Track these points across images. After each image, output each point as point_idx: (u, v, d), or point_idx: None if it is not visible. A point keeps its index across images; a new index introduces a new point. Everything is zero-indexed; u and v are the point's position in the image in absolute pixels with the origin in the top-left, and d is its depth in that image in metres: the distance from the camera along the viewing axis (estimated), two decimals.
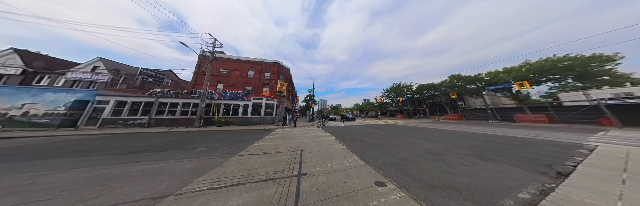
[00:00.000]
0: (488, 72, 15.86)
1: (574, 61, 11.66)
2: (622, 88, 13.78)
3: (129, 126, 8.06)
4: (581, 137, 4.76)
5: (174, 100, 9.20)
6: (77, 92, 8.08)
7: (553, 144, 3.79)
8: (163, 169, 2.31)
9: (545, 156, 2.83)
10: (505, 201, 1.46)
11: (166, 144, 4.09)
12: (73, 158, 2.88)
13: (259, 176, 2.03)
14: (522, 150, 3.24)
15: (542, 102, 14.35)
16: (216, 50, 9.68)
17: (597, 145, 3.57)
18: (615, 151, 3.04)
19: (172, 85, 15.59)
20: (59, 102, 7.69)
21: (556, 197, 1.50)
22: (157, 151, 3.35)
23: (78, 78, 10.70)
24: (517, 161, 2.57)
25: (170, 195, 1.59)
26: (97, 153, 3.17)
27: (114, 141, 4.61)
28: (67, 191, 1.66)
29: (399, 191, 1.63)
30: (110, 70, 12.46)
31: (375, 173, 2.11)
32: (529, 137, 4.79)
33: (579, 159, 2.61)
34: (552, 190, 1.63)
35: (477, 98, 17.70)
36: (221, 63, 14.03)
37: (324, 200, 1.48)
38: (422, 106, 21.82)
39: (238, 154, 3.07)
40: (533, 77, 12.97)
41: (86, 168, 2.34)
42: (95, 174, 2.11)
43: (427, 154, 3.00)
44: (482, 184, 1.77)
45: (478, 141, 4.29)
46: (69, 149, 3.58)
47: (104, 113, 7.89)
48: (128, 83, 12.35)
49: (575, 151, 3.14)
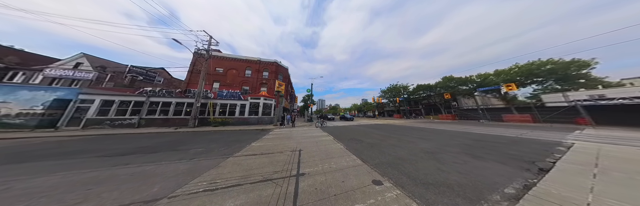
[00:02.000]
0: (479, 74, 16.67)
1: (556, 65, 12.62)
2: (596, 90, 15.04)
3: (117, 127, 7.63)
4: (560, 135, 5.12)
5: (166, 100, 8.81)
6: (57, 90, 7.52)
7: (536, 142, 4.05)
8: (155, 171, 2.21)
9: (529, 153, 3.03)
10: (493, 197, 1.55)
11: (158, 145, 3.93)
12: (53, 161, 2.69)
13: (257, 177, 2.01)
14: (508, 148, 3.44)
15: (528, 102, 15.25)
16: (212, 48, 9.40)
17: (573, 142, 3.87)
18: (589, 148, 3.31)
19: (164, 83, 14.95)
20: (35, 100, 7.11)
21: (538, 191, 1.62)
22: (149, 152, 3.21)
23: (58, 75, 9.96)
24: (504, 158, 2.73)
25: (163, 198, 1.54)
26: (80, 156, 2.97)
27: (100, 142, 4.35)
28: (46, 197, 1.55)
29: (395, 190, 1.68)
30: (95, 67, 11.71)
31: (372, 172, 2.15)
32: (515, 136, 5.08)
33: (558, 156, 2.81)
34: (534, 185, 1.76)
35: (469, 99, 18.49)
36: (217, 62, 13.64)
37: (323, 200, 1.50)
38: (418, 106, 22.46)
39: (235, 155, 3.01)
40: (519, 79, 13.84)
41: (68, 171, 2.19)
42: (79, 178, 1.99)
43: (422, 153, 3.10)
44: (473, 181, 1.87)
45: (469, 140, 4.49)
46: (48, 152, 3.33)
47: (89, 113, 7.41)
48: (116, 82, 11.69)
49: (555, 148, 3.38)
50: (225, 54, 14.31)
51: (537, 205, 1.40)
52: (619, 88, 15.62)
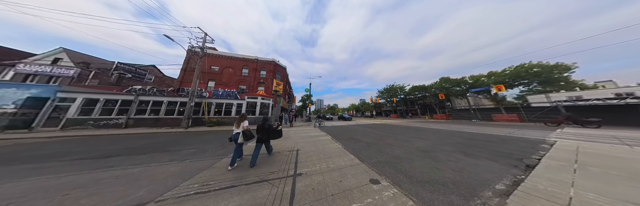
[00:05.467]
0: (471, 76, 17.45)
1: (541, 68, 13.48)
2: (574, 92, 16.28)
3: (102, 127, 7.15)
4: (544, 133, 5.42)
5: (157, 99, 8.37)
6: (31, 88, 6.93)
7: (523, 140, 4.26)
8: (142, 174, 2.08)
9: (517, 151, 3.18)
10: (485, 193, 1.60)
11: (147, 146, 3.72)
12: (25, 165, 2.46)
13: (252, 177, 1.94)
14: (498, 146, 3.59)
15: (515, 103, 16.17)
16: (207, 45, 9.05)
17: (556, 140, 4.11)
18: (569, 145, 3.54)
19: (156, 82, 14.22)
20: (5, 99, 6.52)
21: (526, 187, 1.70)
22: (136, 154, 3.03)
23: (33, 71, 9.16)
24: (495, 156, 2.85)
25: (149, 202, 1.44)
26: (57, 159, 2.74)
27: (81, 144, 4.06)
28: (14, 204, 1.41)
29: (392, 188, 1.69)
30: (77, 63, 10.90)
31: (370, 171, 2.16)
32: (504, 135, 5.32)
33: (543, 153, 2.97)
34: (522, 181, 1.83)
35: (462, 100, 19.27)
36: (213, 60, 13.20)
37: (320, 200, 1.47)
38: (414, 106, 23.07)
39: (230, 155, 2.91)
40: (508, 81, 14.64)
41: (43, 176, 2.01)
42: (55, 183, 1.83)
43: (418, 152, 3.16)
44: (466, 178, 1.92)
45: (462, 139, 4.65)
46: (20, 155, 3.04)
47: (69, 113, 6.88)
48: (101, 79, 10.94)
49: (540, 146, 3.57)
50: (222, 52, 13.88)
51: (525, 200, 1.46)
52: (593, 90, 17.01)
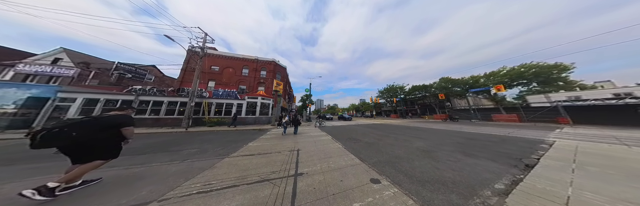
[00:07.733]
0: (471, 76, 17.51)
1: (540, 68, 13.53)
2: (573, 92, 16.33)
3: None
4: (543, 133, 5.45)
5: (157, 99, 8.39)
6: (31, 88, 6.94)
7: (522, 140, 4.29)
8: (144, 174, 2.10)
9: (516, 151, 3.20)
10: (484, 192, 1.61)
11: (148, 146, 3.73)
12: (25, 164, 2.46)
13: (254, 177, 1.96)
14: (498, 146, 3.61)
15: (515, 103, 16.20)
16: (208, 45, 9.07)
17: (555, 140, 4.14)
18: (568, 145, 3.56)
19: (156, 82, 14.23)
20: (6, 99, 6.53)
21: (524, 186, 1.71)
22: (137, 154, 3.04)
23: (33, 71, 9.16)
24: (494, 155, 2.86)
25: (152, 201, 1.46)
26: (58, 159, 2.74)
27: None
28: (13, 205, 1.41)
29: (392, 188, 1.70)
30: (77, 63, 10.89)
31: (370, 170, 2.17)
32: (504, 134, 5.34)
33: (542, 153, 2.99)
34: (521, 181, 1.85)
35: (461, 100, 19.31)
36: (213, 60, 13.23)
37: (321, 199, 1.48)
38: (414, 106, 23.13)
39: (231, 155, 2.93)
40: (507, 82, 14.69)
41: (43, 176, 2.03)
42: None
43: (418, 151, 3.18)
44: (465, 177, 1.94)
45: (462, 138, 4.67)
46: (20, 155, 3.04)
47: (70, 113, 6.89)
48: (101, 79, 10.94)
49: (539, 146, 3.60)
50: (222, 52, 13.93)
51: (524, 199, 1.48)
52: (592, 90, 17.09)
